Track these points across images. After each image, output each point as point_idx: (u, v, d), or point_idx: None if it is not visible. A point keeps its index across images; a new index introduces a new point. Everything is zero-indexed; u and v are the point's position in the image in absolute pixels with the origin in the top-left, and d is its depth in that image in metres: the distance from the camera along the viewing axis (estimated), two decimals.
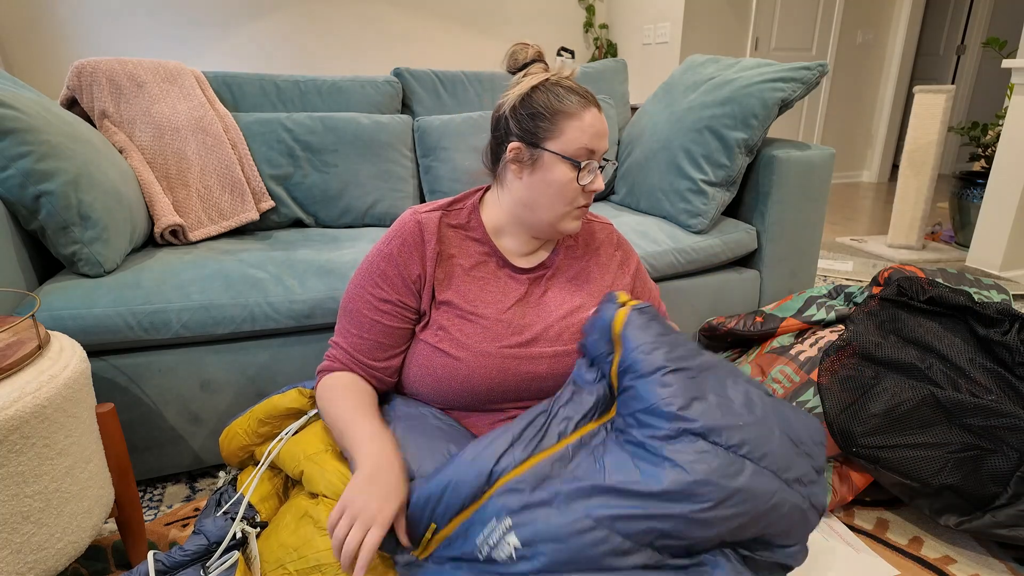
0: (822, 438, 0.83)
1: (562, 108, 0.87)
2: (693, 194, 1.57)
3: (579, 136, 0.87)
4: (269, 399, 1.01)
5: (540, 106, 0.88)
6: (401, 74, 1.84)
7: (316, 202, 1.62)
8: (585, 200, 0.91)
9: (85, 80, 1.42)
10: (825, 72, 1.49)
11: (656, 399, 0.74)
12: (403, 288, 0.91)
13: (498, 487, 0.71)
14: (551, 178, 0.88)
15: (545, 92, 0.88)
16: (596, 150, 0.89)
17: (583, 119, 0.87)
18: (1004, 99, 3.41)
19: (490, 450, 0.74)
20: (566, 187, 0.88)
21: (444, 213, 0.95)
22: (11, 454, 0.73)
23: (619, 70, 2.05)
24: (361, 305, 0.91)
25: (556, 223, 0.92)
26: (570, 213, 0.91)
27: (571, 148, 0.87)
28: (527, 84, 0.89)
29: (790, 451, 0.76)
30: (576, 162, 0.87)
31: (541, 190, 0.89)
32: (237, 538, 0.84)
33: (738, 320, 1.51)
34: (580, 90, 0.90)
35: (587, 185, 0.90)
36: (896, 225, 2.90)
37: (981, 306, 1.17)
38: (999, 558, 1.03)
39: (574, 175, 0.88)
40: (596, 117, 0.88)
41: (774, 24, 4.14)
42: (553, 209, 0.90)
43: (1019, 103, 2.38)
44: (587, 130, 0.87)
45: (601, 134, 0.89)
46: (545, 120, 0.87)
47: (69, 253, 1.13)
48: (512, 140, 0.90)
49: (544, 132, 0.88)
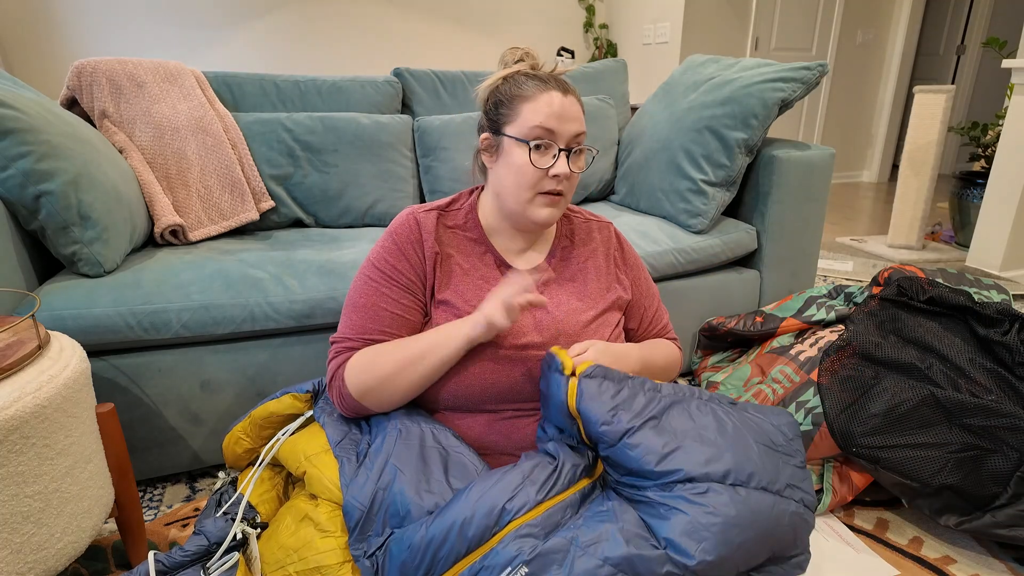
0: (795, 429, 0.83)
1: (520, 93, 0.88)
2: (693, 194, 1.57)
3: (533, 116, 0.86)
4: (264, 405, 1.01)
5: (502, 95, 0.90)
6: (401, 74, 1.84)
7: (316, 202, 1.62)
8: (552, 185, 0.89)
9: (85, 80, 1.42)
10: (825, 72, 1.49)
11: (633, 463, 0.74)
12: (414, 276, 0.91)
13: (510, 530, 0.68)
14: (511, 161, 0.88)
15: (509, 82, 0.90)
16: (555, 130, 0.87)
17: (538, 100, 0.86)
18: (1004, 99, 3.41)
19: (499, 487, 0.72)
20: (524, 169, 0.87)
21: (441, 213, 0.96)
22: (11, 454, 0.73)
23: (619, 70, 2.05)
24: (376, 299, 0.90)
25: (523, 211, 0.90)
26: (534, 200, 0.89)
27: (525, 129, 0.87)
28: (495, 78, 0.92)
29: (772, 460, 0.77)
30: (526, 141, 0.87)
31: (504, 175, 0.90)
32: (237, 539, 0.84)
33: (738, 320, 1.51)
34: (544, 76, 0.89)
35: (549, 169, 0.88)
36: (896, 225, 2.90)
37: (981, 306, 1.17)
38: (999, 558, 1.03)
39: (529, 157, 0.87)
40: (554, 98, 0.87)
41: (774, 24, 4.13)
42: (518, 195, 0.89)
43: (1019, 103, 2.38)
44: (541, 110, 0.86)
45: (560, 116, 0.86)
46: (505, 106, 0.89)
47: (69, 253, 1.13)
48: (483, 132, 0.93)
49: (504, 118, 0.89)
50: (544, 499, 0.72)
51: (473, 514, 0.69)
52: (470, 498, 0.71)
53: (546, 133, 0.87)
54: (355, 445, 0.87)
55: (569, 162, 0.88)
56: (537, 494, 0.72)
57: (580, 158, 0.91)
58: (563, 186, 0.90)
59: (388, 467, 0.79)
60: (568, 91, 0.89)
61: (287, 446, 0.91)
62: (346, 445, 0.87)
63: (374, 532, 0.74)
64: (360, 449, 0.85)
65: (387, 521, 0.74)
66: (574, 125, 0.88)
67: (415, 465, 0.79)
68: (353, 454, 0.85)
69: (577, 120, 0.89)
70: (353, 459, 0.83)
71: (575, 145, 0.90)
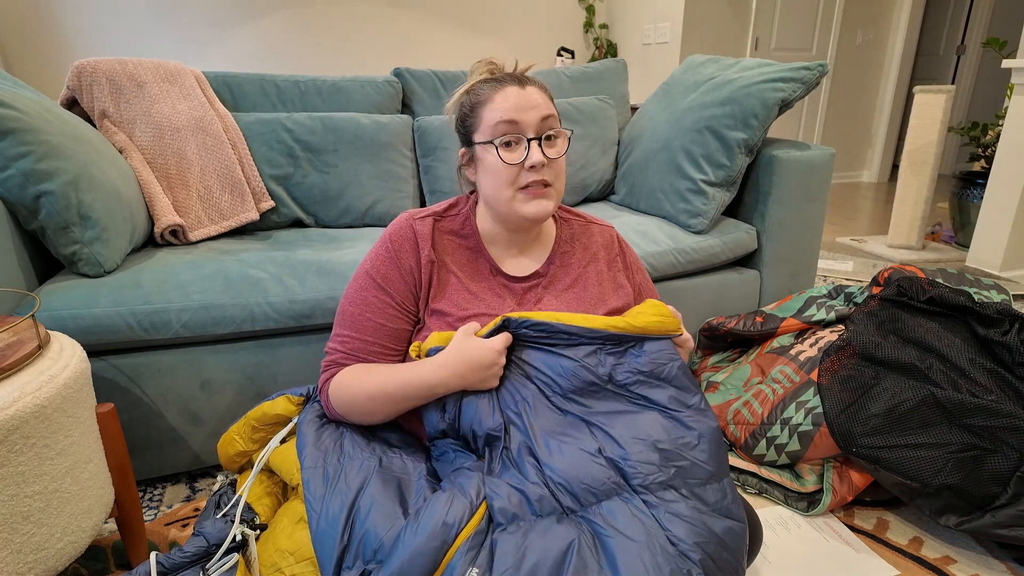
0: (657, 435, 0.82)
1: (478, 100, 0.88)
2: (693, 194, 1.57)
3: (492, 115, 0.86)
4: (260, 406, 1.01)
5: (465, 107, 0.90)
6: (401, 74, 1.84)
7: (316, 202, 1.62)
8: (532, 177, 0.86)
9: (85, 80, 1.42)
10: (825, 72, 1.49)
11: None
12: (404, 288, 0.91)
13: (457, 547, 0.69)
14: (487, 166, 0.88)
15: (469, 94, 0.91)
16: (518, 121, 0.85)
17: (494, 100, 0.86)
18: (1004, 99, 3.41)
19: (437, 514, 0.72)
20: (498, 169, 0.87)
21: (438, 219, 0.95)
22: (11, 454, 0.73)
23: (619, 70, 2.05)
24: (364, 309, 0.90)
25: (511, 210, 0.89)
26: (517, 197, 0.88)
27: (488, 129, 0.87)
28: (456, 95, 0.93)
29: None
30: (492, 142, 0.86)
31: (485, 182, 0.90)
32: (237, 540, 0.84)
33: (738, 320, 1.51)
34: (500, 76, 0.89)
35: (523, 162, 0.86)
36: (896, 225, 2.90)
37: (981, 306, 1.17)
38: (999, 558, 1.03)
39: (498, 155, 0.86)
40: (510, 92, 0.86)
41: (774, 24, 4.13)
42: (501, 195, 0.88)
43: (1019, 103, 2.38)
44: (499, 106, 0.85)
45: (519, 106, 0.85)
46: (469, 117, 0.90)
47: (69, 253, 1.13)
48: (461, 148, 0.94)
49: (471, 127, 0.90)
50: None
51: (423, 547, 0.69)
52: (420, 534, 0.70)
53: (509, 127, 0.85)
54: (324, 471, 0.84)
55: (543, 149, 0.86)
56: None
57: (555, 143, 0.89)
58: (545, 175, 0.87)
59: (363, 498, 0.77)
60: (525, 83, 0.88)
61: (280, 455, 0.91)
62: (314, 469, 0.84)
63: (346, 565, 0.72)
64: (327, 474, 0.83)
65: (360, 554, 0.73)
66: (537, 111, 0.86)
67: (390, 498, 0.78)
68: (322, 480, 0.82)
69: (539, 106, 0.86)
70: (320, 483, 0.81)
71: (546, 131, 0.87)
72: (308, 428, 0.90)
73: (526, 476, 0.78)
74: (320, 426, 0.90)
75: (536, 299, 0.96)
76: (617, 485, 0.77)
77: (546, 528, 0.71)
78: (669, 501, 0.75)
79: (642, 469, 0.77)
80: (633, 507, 0.74)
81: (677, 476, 0.77)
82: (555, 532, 0.71)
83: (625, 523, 0.72)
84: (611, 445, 0.80)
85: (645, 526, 0.71)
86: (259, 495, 0.93)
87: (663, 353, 0.87)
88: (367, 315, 0.90)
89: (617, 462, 0.78)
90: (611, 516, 0.73)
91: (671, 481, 0.77)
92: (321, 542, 0.73)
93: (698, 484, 0.78)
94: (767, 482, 1.18)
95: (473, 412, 0.84)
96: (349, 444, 0.86)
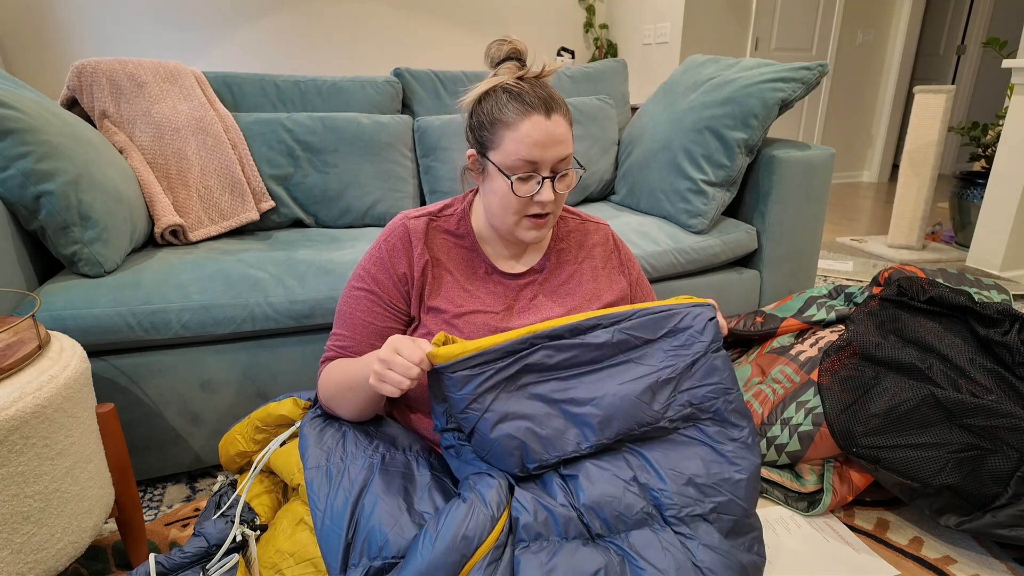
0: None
1: (500, 118, 0.83)
2: (693, 194, 1.57)
3: (515, 148, 0.82)
4: (265, 406, 1.01)
5: (484, 115, 0.86)
6: (401, 74, 1.84)
7: (316, 202, 1.62)
8: (538, 209, 0.87)
9: (85, 80, 1.42)
10: (825, 72, 1.49)
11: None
12: (393, 291, 0.92)
13: (475, 562, 0.69)
14: (495, 187, 0.87)
15: (490, 100, 0.85)
16: (537, 161, 0.83)
17: (519, 129, 0.82)
18: (1004, 99, 3.41)
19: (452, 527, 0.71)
20: (507, 198, 0.86)
21: (433, 218, 0.96)
22: (11, 454, 0.73)
23: (619, 70, 2.05)
24: (355, 309, 0.92)
25: (510, 232, 0.90)
26: (520, 223, 0.88)
27: (508, 161, 0.83)
28: (476, 92, 0.87)
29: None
30: (508, 175, 0.84)
31: (490, 198, 0.89)
32: (237, 541, 0.84)
33: (738, 320, 1.51)
34: (527, 95, 0.83)
35: (534, 196, 0.85)
36: (896, 225, 2.90)
37: (981, 306, 1.17)
38: (999, 558, 1.03)
39: (512, 188, 0.84)
40: (536, 125, 0.82)
41: (774, 24, 4.13)
42: (503, 218, 0.88)
43: (1019, 103, 2.38)
44: (523, 141, 0.82)
45: (542, 143, 0.82)
46: (487, 130, 0.85)
47: (69, 253, 1.13)
48: (470, 147, 0.90)
49: (487, 142, 0.86)
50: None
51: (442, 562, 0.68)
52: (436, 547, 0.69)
53: (528, 165, 0.83)
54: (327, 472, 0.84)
55: (555, 186, 0.86)
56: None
57: (566, 179, 0.88)
58: (549, 208, 0.87)
59: (367, 497, 0.77)
60: (552, 110, 0.83)
61: (281, 456, 0.91)
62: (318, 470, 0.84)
63: (351, 563, 0.72)
64: (331, 472, 0.83)
65: (365, 551, 0.73)
66: (558, 150, 0.84)
67: (382, 493, 0.77)
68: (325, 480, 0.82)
69: (562, 143, 0.84)
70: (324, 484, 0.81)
71: (560, 170, 0.86)
72: (310, 428, 0.90)
73: (553, 496, 0.77)
74: (322, 426, 0.90)
75: (531, 296, 0.96)
76: (648, 516, 0.77)
77: (574, 550, 0.71)
78: (703, 533, 0.75)
79: (678, 501, 0.77)
80: (664, 539, 0.74)
81: (713, 511, 0.78)
82: (583, 555, 0.70)
83: (655, 555, 0.72)
84: (647, 474, 0.80)
85: (676, 559, 0.72)
86: (260, 497, 0.93)
87: (713, 387, 0.85)
88: (357, 314, 0.92)
89: (653, 492, 0.78)
90: (640, 546, 0.73)
91: (707, 515, 0.77)
92: (326, 540, 0.73)
93: (731, 520, 0.78)
94: (767, 482, 1.18)
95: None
96: (351, 443, 0.86)
